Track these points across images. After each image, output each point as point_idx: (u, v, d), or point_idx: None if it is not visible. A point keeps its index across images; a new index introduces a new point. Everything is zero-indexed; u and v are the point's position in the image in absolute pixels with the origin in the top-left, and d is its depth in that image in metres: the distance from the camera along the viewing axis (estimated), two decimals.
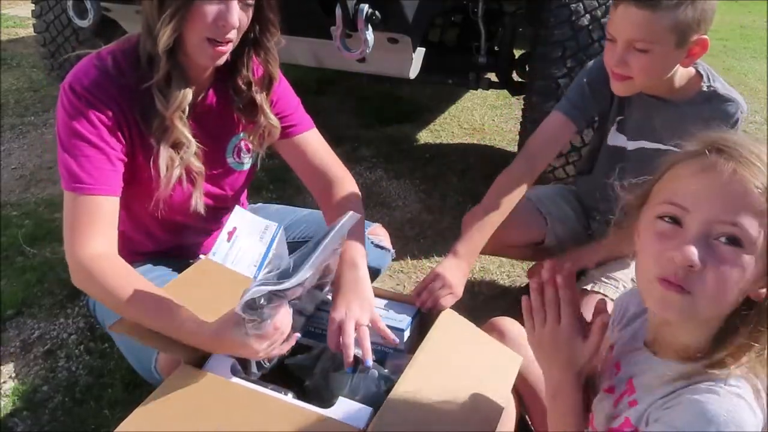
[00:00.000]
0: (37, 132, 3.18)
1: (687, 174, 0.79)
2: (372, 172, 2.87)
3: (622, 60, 1.35)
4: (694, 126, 1.36)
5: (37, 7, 2.80)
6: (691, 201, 0.77)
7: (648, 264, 0.81)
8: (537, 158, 1.58)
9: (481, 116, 3.52)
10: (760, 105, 3.80)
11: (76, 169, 1.21)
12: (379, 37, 1.87)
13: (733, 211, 0.74)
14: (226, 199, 1.50)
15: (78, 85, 1.22)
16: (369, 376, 1.16)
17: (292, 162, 1.52)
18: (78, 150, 1.21)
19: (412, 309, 1.33)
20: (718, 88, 1.45)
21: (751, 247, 0.74)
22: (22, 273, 2.08)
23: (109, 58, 1.25)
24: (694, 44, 1.34)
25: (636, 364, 0.93)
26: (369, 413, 1.04)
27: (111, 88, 1.23)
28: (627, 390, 0.91)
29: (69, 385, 1.65)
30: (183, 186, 1.33)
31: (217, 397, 1.06)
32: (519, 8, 2.40)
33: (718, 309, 0.78)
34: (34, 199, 2.57)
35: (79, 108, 1.21)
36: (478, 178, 2.77)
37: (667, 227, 0.79)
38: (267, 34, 1.31)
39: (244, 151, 1.47)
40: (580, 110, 1.56)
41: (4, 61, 4.14)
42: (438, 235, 2.38)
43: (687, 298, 0.76)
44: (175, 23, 1.17)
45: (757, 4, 6.46)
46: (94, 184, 1.21)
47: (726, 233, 0.74)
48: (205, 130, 1.36)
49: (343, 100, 3.64)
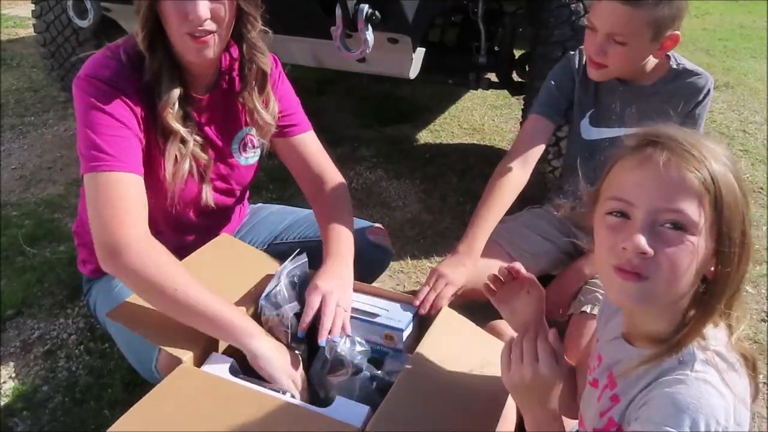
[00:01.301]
0: (37, 132, 3.18)
1: (627, 169, 0.84)
2: (372, 172, 2.87)
3: (601, 50, 1.45)
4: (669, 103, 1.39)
5: (37, 7, 2.80)
6: (633, 194, 0.82)
7: (603, 256, 0.85)
8: (522, 153, 1.61)
9: (481, 116, 3.51)
10: (760, 105, 3.80)
11: (103, 146, 1.18)
12: (379, 37, 1.87)
13: (672, 198, 0.79)
14: (233, 194, 1.52)
15: (99, 74, 1.23)
16: (361, 377, 1.16)
17: (288, 160, 1.54)
18: (103, 130, 1.20)
19: (412, 309, 1.33)
20: (686, 65, 1.54)
21: (694, 228, 0.78)
22: (22, 273, 2.08)
23: (121, 52, 1.27)
24: (667, 38, 1.44)
25: (614, 355, 0.95)
26: (367, 412, 1.04)
27: (129, 78, 1.25)
28: (608, 384, 0.93)
29: (69, 385, 1.65)
30: (194, 178, 1.35)
31: (216, 396, 1.06)
32: (519, 8, 2.40)
33: (675, 290, 0.82)
34: (34, 199, 2.57)
35: (103, 91, 1.22)
36: (478, 178, 2.77)
37: (616, 221, 0.84)
38: (247, 26, 1.31)
39: (249, 145, 1.49)
40: (552, 107, 1.65)
41: (4, 61, 4.14)
42: (438, 235, 2.38)
43: (644, 284, 0.81)
44: (149, 24, 1.21)
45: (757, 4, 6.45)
46: (124, 162, 1.20)
47: (669, 219, 0.79)
48: (212, 124, 1.39)
49: (343, 100, 3.64)
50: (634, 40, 1.41)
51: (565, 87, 1.65)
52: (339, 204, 1.48)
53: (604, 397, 0.93)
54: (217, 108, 1.41)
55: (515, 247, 1.71)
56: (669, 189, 0.79)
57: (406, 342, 1.29)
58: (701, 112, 1.54)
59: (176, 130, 1.29)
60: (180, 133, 1.29)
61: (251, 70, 1.37)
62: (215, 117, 1.41)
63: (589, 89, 1.62)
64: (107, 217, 1.15)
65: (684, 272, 0.80)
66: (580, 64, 1.63)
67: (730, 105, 3.75)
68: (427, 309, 1.33)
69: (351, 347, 1.21)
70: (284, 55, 1.48)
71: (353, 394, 1.13)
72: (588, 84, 1.61)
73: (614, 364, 0.94)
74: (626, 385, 0.88)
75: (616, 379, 0.92)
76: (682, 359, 0.82)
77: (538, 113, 1.65)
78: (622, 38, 1.41)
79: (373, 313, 1.31)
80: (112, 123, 1.21)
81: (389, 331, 1.28)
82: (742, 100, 3.88)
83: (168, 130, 1.28)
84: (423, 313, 1.33)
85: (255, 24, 1.32)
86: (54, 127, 3.25)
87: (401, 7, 1.83)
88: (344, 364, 1.18)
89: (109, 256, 1.15)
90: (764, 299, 2.05)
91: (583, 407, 1.02)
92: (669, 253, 0.79)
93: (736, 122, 3.54)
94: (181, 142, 1.30)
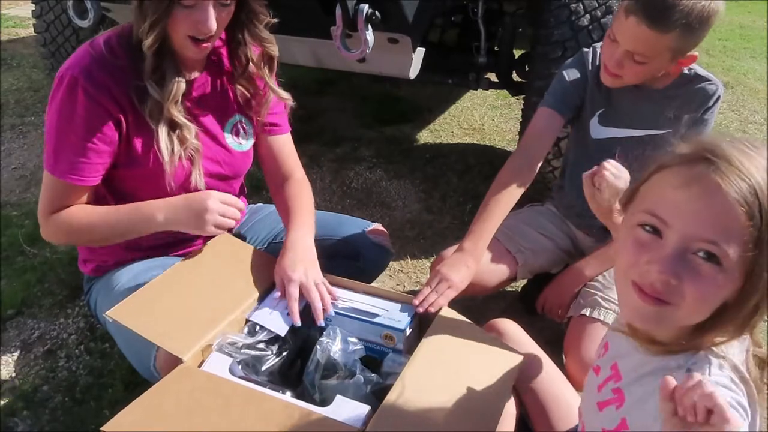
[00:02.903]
0: (37, 132, 3.18)
1: (672, 184, 0.77)
2: (372, 172, 2.87)
3: (618, 63, 1.44)
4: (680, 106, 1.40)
5: (37, 7, 2.80)
6: (672, 215, 0.76)
7: (624, 266, 0.80)
8: (532, 151, 1.60)
9: (481, 116, 3.51)
10: (760, 105, 3.80)
11: (60, 155, 1.30)
12: (379, 37, 1.87)
13: (713, 230, 0.72)
14: (226, 179, 1.53)
15: (69, 74, 1.26)
16: (354, 381, 1.15)
17: (263, 156, 1.60)
18: (62, 137, 1.29)
19: (412, 309, 1.33)
20: (698, 70, 1.54)
21: (728, 263, 0.73)
22: (22, 273, 2.08)
23: (103, 44, 1.30)
24: (685, 58, 1.44)
25: (619, 347, 0.93)
26: (367, 412, 1.04)
27: (103, 76, 1.27)
28: (613, 375, 0.92)
29: (69, 385, 1.65)
30: (183, 163, 1.37)
31: (215, 395, 1.06)
32: (519, 8, 2.40)
33: (696, 318, 0.78)
34: (34, 199, 2.57)
35: (68, 97, 1.27)
36: (478, 178, 2.77)
37: (646, 237, 0.78)
38: (255, 22, 1.38)
39: (242, 132, 1.52)
40: (565, 102, 1.62)
41: (4, 61, 4.14)
42: (438, 235, 2.38)
43: (664, 309, 0.76)
44: (158, 29, 1.24)
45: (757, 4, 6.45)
46: (73, 174, 1.30)
47: (704, 249, 0.73)
48: (203, 110, 1.43)
49: (343, 100, 3.64)
50: (654, 61, 1.41)
51: (578, 83, 1.63)
52: (301, 192, 1.54)
53: (606, 388, 0.92)
54: (207, 95, 1.44)
55: (514, 243, 1.71)
56: (713, 219, 0.72)
57: (406, 342, 1.29)
58: (710, 117, 1.55)
59: (182, 123, 1.33)
60: (179, 121, 1.33)
61: (261, 55, 1.43)
62: (206, 103, 1.44)
63: (601, 88, 1.60)
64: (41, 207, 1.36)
65: (709, 304, 0.75)
66: (593, 63, 1.61)
67: (730, 105, 3.75)
68: (428, 310, 1.33)
69: (344, 347, 1.21)
70: (284, 55, 1.49)
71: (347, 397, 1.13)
72: (600, 83, 1.58)
73: (619, 357, 0.92)
74: (629, 379, 0.87)
75: (621, 373, 0.90)
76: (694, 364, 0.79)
77: (550, 107, 1.62)
78: (642, 58, 1.41)
79: (373, 313, 1.31)
80: (70, 132, 1.28)
81: (389, 332, 1.28)
82: (742, 100, 3.88)
83: (166, 118, 1.32)
84: (421, 311, 1.33)
85: (263, 19, 1.38)
86: None
87: (401, 7, 1.83)
88: (336, 368, 1.18)
89: (42, 231, 1.38)
90: None
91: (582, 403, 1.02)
92: (696, 284, 0.73)
93: (736, 122, 3.54)
94: (176, 128, 1.33)
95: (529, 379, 1.28)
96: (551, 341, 1.58)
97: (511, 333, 1.33)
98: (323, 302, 1.30)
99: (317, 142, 3.07)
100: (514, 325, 1.35)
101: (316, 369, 1.20)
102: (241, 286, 1.32)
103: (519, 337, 1.33)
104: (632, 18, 1.35)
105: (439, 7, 2.22)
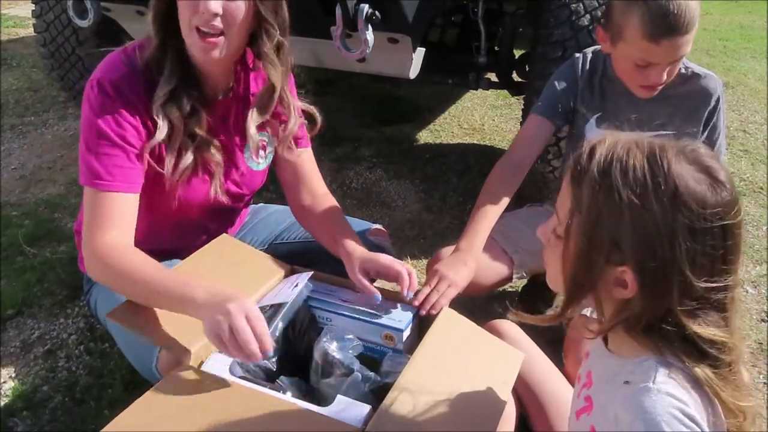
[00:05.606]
0: (37, 132, 3.18)
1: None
2: (372, 172, 2.87)
3: (661, 77, 1.44)
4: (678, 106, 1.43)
5: (37, 7, 2.80)
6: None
7: None
8: (521, 155, 1.62)
9: (481, 116, 3.52)
10: (760, 105, 3.80)
11: (96, 166, 1.24)
12: (379, 37, 1.87)
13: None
14: (242, 199, 1.53)
15: (106, 81, 1.24)
16: (352, 380, 1.15)
17: (284, 171, 1.54)
18: (100, 147, 1.24)
19: (412, 309, 1.33)
20: (694, 68, 1.55)
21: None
22: (22, 273, 2.08)
23: (136, 54, 1.27)
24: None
25: (595, 354, 0.96)
26: (367, 412, 1.04)
27: (137, 84, 1.25)
28: (587, 382, 0.94)
29: (69, 385, 1.66)
30: (199, 176, 1.35)
31: (216, 395, 1.06)
32: (519, 8, 2.40)
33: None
34: (34, 199, 2.57)
35: (104, 105, 1.24)
36: (478, 178, 2.77)
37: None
38: (264, 36, 1.28)
39: (261, 151, 1.48)
40: (554, 109, 1.64)
41: (4, 61, 4.14)
42: (438, 235, 2.38)
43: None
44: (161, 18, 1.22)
45: (757, 4, 6.45)
46: (113, 181, 1.24)
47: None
48: (225, 128, 1.40)
49: (343, 100, 3.64)
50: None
51: (568, 90, 1.64)
52: (331, 216, 1.49)
53: (581, 395, 0.93)
54: (231, 113, 1.40)
55: (512, 243, 1.71)
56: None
57: (406, 342, 1.29)
58: (717, 121, 1.56)
59: (204, 138, 1.31)
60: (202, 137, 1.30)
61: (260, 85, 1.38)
62: (229, 122, 1.40)
63: (594, 92, 1.61)
64: (86, 230, 1.24)
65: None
66: (584, 68, 1.62)
67: (730, 105, 3.75)
68: (429, 310, 1.33)
69: (342, 344, 1.20)
70: None
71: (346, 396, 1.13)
72: (593, 87, 1.60)
73: (593, 364, 0.94)
74: (597, 389, 0.88)
75: (593, 379, 0.92)
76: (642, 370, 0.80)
77: (541, 114, 1.65)
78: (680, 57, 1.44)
79: (373, 313, 1.31)
80: (107, 140, 1.24)
81: (389, 332, 1.28)
82: (742, 100, 3.88)
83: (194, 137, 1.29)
84: (423, 314, 1.33)
85: (272, 34, 1.28)
86: (54, 127, 3.25)
87: (401, 7, 1.83)
88: (334, 366, 1.18)
89: (87, 264, 1.25)
90: (764, 299, 2.05)
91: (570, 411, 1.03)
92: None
93: (736, 122, 3.54)
94: (190, 138, 1.30)
95: (529, 380, 1.28)
96: (551, 341, 1.58)
97: (511, 334, 1.33)
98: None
99: (317, 142, 3.05)
100: (513, 326, 1.35)
101: (316, 370, 1.20)
102: (242, 286, 1.32)
103: (519, 338, 1.33)
104: (664, 42, 1.37)
105: (439, 7, 2.22)
